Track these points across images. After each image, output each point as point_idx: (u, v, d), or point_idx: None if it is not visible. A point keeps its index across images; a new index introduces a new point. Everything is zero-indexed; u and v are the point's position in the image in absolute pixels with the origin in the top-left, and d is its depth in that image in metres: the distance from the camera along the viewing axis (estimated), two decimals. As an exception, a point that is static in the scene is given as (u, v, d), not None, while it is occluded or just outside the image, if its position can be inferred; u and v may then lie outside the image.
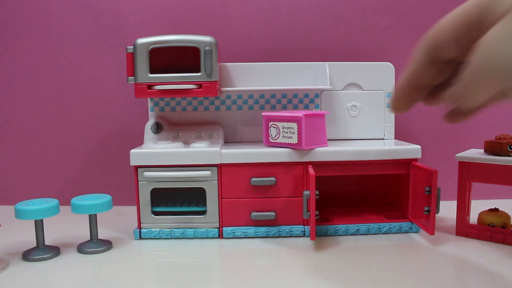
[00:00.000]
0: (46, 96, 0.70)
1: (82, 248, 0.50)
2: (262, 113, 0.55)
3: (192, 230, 0.54)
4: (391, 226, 0.55)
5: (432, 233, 0.49)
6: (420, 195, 0.52)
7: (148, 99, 0.61)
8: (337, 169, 0.53)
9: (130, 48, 0.53)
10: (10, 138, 0.73)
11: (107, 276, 0.44)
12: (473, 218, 0.55)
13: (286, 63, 0.61)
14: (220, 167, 0.53)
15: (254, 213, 0.53)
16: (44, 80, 0.69)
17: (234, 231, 0.54)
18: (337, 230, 0.54)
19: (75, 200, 0.49)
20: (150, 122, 0.61)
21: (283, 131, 0.53)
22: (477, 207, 0.55)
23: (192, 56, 0.55)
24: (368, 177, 0.63)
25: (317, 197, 0.48)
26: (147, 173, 0.52)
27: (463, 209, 0.53)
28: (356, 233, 0.54)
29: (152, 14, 0.68)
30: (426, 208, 0.49)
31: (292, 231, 0.54)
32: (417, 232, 0.55)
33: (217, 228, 0.54)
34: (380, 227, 0.54)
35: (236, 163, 0.53)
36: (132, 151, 0.52)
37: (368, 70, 0.61)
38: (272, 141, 0.54)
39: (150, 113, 0.62)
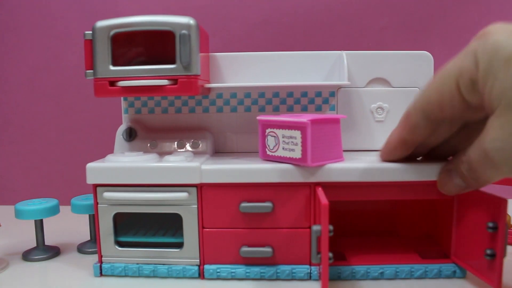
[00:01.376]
0: (46, 96, 0.69)
1: (82, 248, 0.49)
2: (258, 117, 0.42)
3: (166, 267, 0.42)
4: (427, 269, 0.41)
5: (497, 286, 0.35)
6: (474, 230, 0.38)
7: (122, 99, 0.50)
8: (356, 192, 0.40)
9: (89, 34, 0.42)
10: (10, 138, 0.73)
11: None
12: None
13: (292, 52, 0.48)
14: (200, 187, 0.41)
15: (244, 248, 0.41)
16: (44, 80, 0.68)
17: (218, 270, 0.41)
18: (354, 273, 0.41)
19: (75, 200, 0.49)
20: (123, 127, 0.49)
21: (283, 141, 0.40)
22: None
23: (168, 44, 0.43)
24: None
25: (331, 234, 0.35)
26: (108, 194, 0.41)
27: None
28: (380, 277, 0.41)
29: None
30: (488, 252, 0.35)
31: (295, 273, 0.41)
32: (462, 277, 0.41)
33: (197, 265, 0.42)
34: (413, 269, 0.41)
35: (221, 183, 0.40)
36: (89, 165, 0.41)
37: (399, 61, 0.47)
38: (270, 154, 0.42)
39: (124, 116, 0.50)
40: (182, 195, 0.40)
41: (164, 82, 0.41)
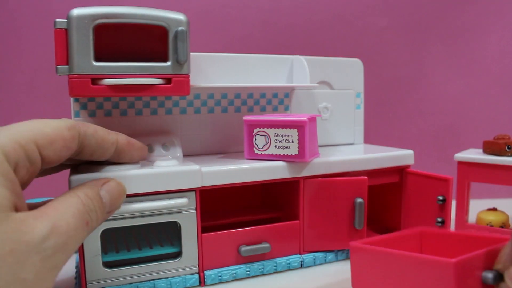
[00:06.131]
0: (46, 96, 0.66)
1: None
2: (244, 118, 0.43)
3: (164, 281, 0.39)
4: (385, 242, 0.49)
5: None
6: (426, 203, 0.47)
7: (72, 99, 0.43)
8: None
9: (62, 22, 0.35)
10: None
11: None
12: (472, 217, 0.54)
13: (250, 55, 0.50)
14: (198, 191, 0.39)
15: (244, 248, 0.41)
16: (44, 80, 0.65)
17: (219, 274, 0.40)
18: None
19: None
20: (76, 132, 0.42)
21: (276, 139, 0.42)
22: (476, 207, 0.54)
23: (151, 40, 0.39)
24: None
25: None
26: (97, 209, 0.35)
27: (462, 209, 0.52)
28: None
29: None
30: (439, 219, 0.44)
31: (289, 263, 0.43)
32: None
33: (196, 273, 0.40)
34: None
35: (220, 185, 0.40)
36: (73, 178, 0.35)
37: (338, 66, 0.54)
38: (259, 152, 0.43)
39: (76, 120, 0.43)
40: (181, 201, 0.38)
41: (158, 81, 0.38)
